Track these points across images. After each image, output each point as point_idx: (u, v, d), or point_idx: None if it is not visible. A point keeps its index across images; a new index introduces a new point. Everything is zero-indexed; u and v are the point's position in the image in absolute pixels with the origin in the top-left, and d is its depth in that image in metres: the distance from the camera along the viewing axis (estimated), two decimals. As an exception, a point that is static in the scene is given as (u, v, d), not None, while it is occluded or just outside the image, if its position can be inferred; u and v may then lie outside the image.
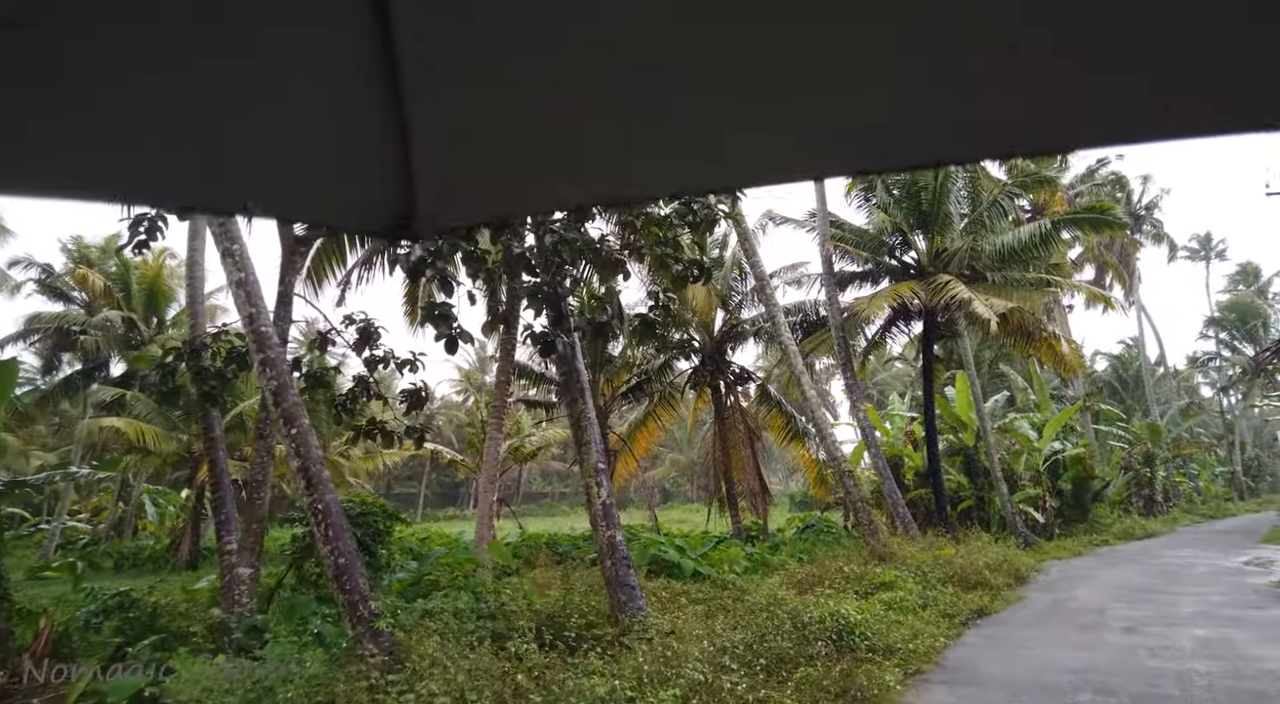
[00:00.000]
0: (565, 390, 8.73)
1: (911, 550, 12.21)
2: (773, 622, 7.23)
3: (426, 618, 6.43)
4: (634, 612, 7.54)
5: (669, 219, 7.99)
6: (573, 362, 8.61)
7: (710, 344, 21.57)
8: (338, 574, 5.90)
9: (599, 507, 8.06)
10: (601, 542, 7.96)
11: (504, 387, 14.74)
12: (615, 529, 7.99)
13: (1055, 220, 17.74)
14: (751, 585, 13.08)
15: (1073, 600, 11.09)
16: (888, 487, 16.75)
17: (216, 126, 0.82)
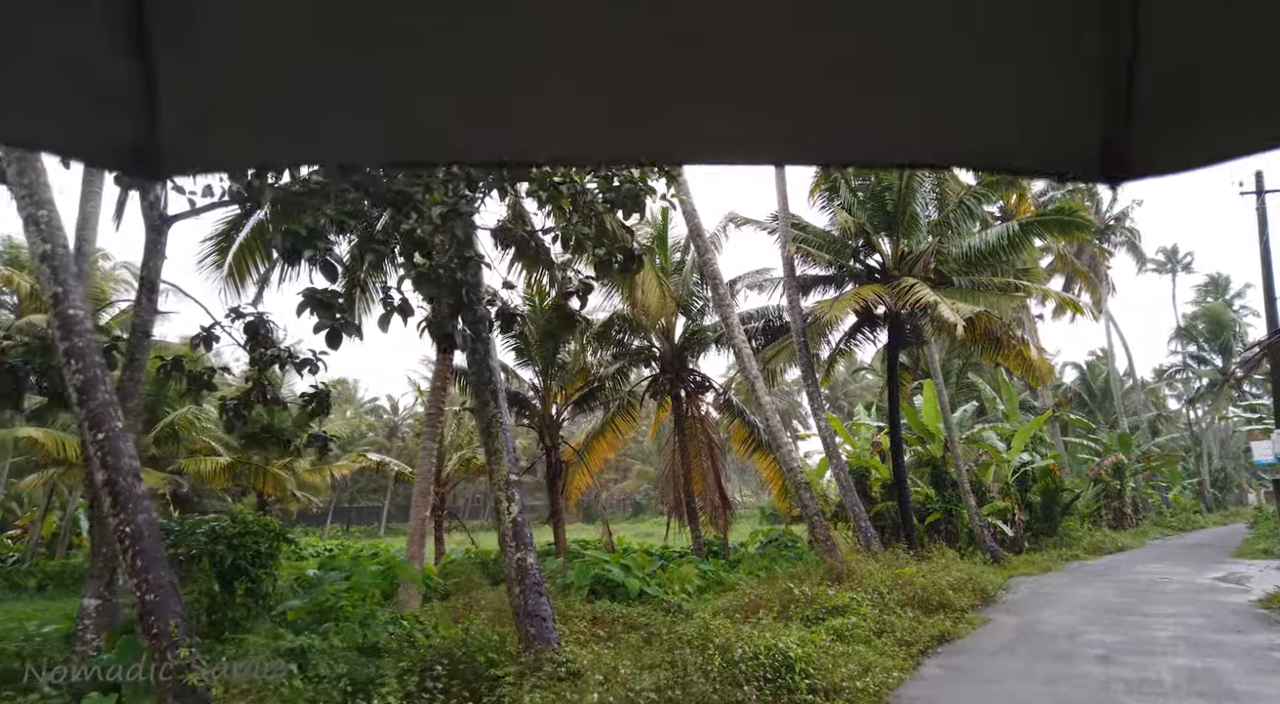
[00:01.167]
0: (475, 391, 7.72)
1: (871, 568, 11.31)
2: (700, 659, 6.24)
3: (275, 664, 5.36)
4: (544, 646, 6.53)
5: (590, 195, 7.04)
6: (484, 358, 7.61)
7: (670, 351, 20.66)
8: (144, 614, 4.83)
9: (509, 524, 7.04)
10: (510, 565, 6.94)
11: (440, 392, 13.69)
12: (527, 550, 6.97)
13: (1023, 223, 17.11)
14: (701, 606, 12.14)
15: (1042, 623, 10.24)
16: (849, 499, 15.89)
17: None
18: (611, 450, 23.28)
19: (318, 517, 57.17)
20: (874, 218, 18.03)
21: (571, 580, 12.38)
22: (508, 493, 7.13)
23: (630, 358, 19.75)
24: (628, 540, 27.28)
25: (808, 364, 17.01)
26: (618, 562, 13.08)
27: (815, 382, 16.98)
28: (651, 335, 20.92)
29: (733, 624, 7.59)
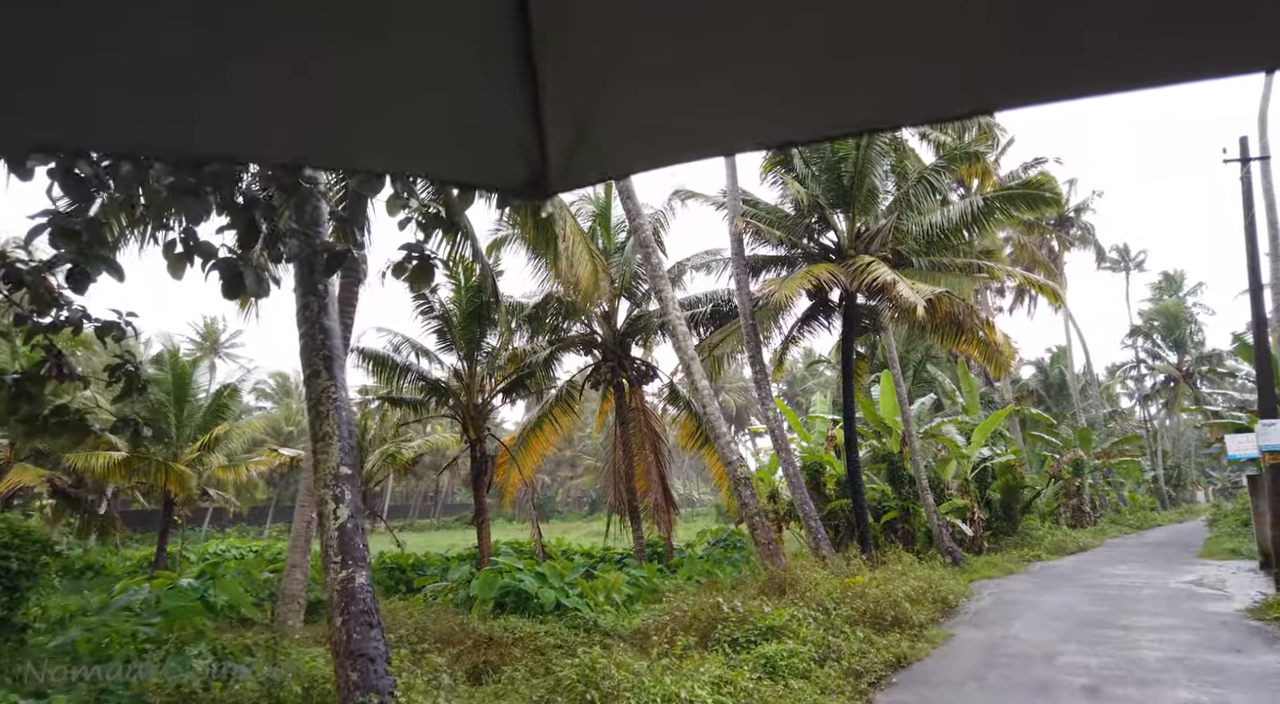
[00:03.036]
0: (304, 357, 5.96)
1: (818, 576, 9.79)
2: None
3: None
4: (367, 698, 4.82)
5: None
6: (317, 315, 5.86)
7: (612, 338, 19.01)
8: None
9: (333, 532, 5.32)
10: (331, 586, 5.22)
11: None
12: (356, 567, 5.25)
13: (988, 198, 15.83)
14: (625, 620, 10.52)
15: (1013, 640, 8.83)
16: (799, 497, 14.42)
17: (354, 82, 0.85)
18: (549, 445, 21.55)
19: (258, 515, 54.49)
20: (829, 192, 16.59)
21: (475, 593, 10.65)
22: (336, 491, 5.40)
23: (563, 343, 18.03)
24: (573, 541, 25.60)
25: (756, 349, 15.50)
26: (532, 569, 11.38)
27: (763, 368, 15.47)
28: (593, 322, 19.26)
29: (636, 657, 5.96)
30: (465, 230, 14.19)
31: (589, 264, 14.33)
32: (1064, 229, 34.75)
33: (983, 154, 17.62)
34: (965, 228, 15.81)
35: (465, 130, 0.93)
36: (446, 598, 11.20)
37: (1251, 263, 12.41)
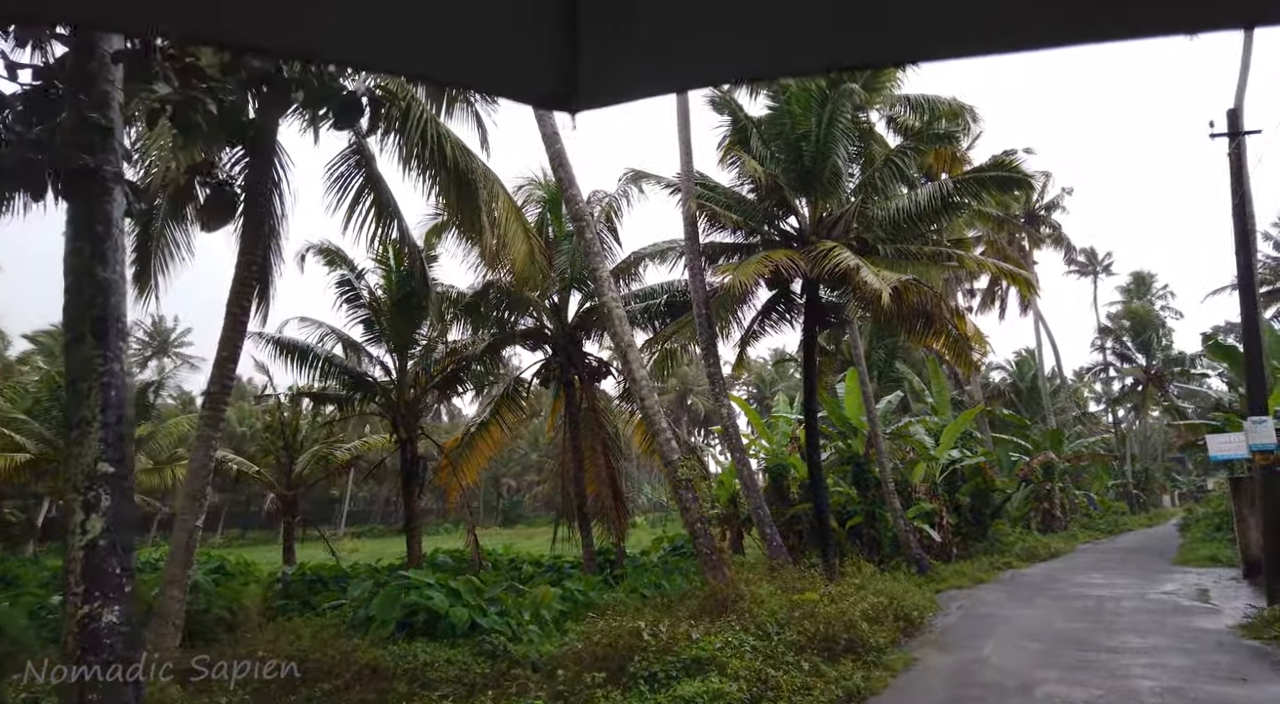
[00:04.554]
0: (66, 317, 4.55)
1: (764, 591, 8.55)
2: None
3: None
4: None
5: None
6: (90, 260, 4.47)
7: (561, 331, 17.67)
8: None
9: (78, 550, 3.94)
10: (69, 628, 3.82)
11: (226, 365, 10.42)
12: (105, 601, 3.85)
13: (958, 180, 14.79)
14: (547, 643, 9.19)
15: (983, 667, 7.65)
16: (754, 501, 13.21)
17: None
18: (497, 446, 20.16)
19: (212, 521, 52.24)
20: (790, 174, 15.44)
21: (374, 614, 9.25)
22: (89, 496, 4.02)
23: (504, 336, 16.66)
24: (532, 548, 24.17)
25: (710, 341, 14.27)
26: (444, 583, 9.99)
27: (717, 361, 14.25)
28: (543, 315, 17.91)
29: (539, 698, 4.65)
30: (387, 202, 12.85)
31: (524, 244, 13.02)
32: (1034, 226, 34.11)
33: (954, 134, 16.57)
34: (934, 212, 14.74)
35: (494, 35, 0.89)
36: (344, 618, 9.79)
37: (1241, 248, 11.44)
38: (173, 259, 13.22)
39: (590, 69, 0.89)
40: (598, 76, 0.90)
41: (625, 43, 0.89)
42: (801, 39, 0.88)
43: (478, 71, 0.96)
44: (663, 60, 0.94)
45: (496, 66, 0.94)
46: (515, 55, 0.92)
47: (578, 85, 0.90)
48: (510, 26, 0.87)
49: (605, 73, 0.91)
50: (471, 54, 0.93)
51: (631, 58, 0.91)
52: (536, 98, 0.96)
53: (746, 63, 1.00)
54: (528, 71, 0.93)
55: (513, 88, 1.03)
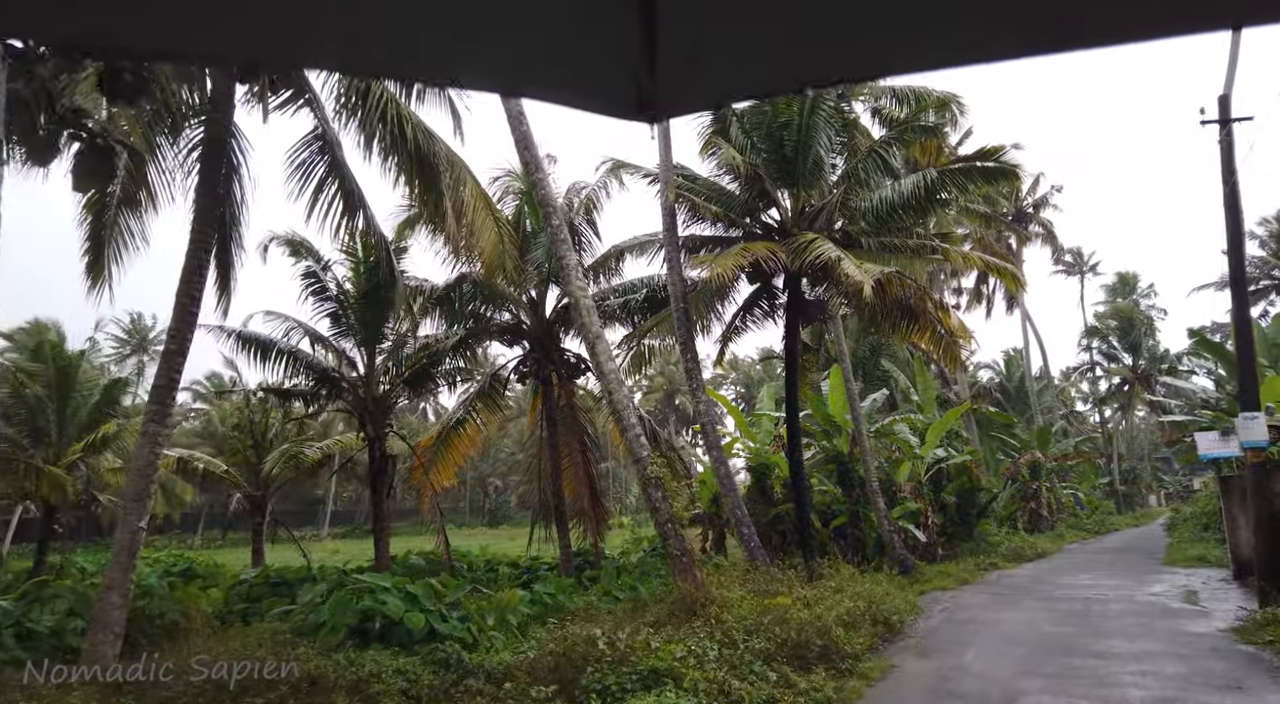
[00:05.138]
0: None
1: (735, 596, 8.10)
2: None
3: None
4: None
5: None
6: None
7: (539, 326, 17.17)
8: None
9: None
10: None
11: (173, 357, 9.91)
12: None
13: (942, 170, 14.39)
14: (510, 649, 8.70)
15: (964, 674, 7.22)
16: (731, 500, 12.77)
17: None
18: (473, 444, 19.65)
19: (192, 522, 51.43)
20: (771, 164, 15.01)
21: (325, 619, 8.74)
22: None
23: (476, 331, 16.14)
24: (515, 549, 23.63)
25: (687, 335, 13.83)
26: (401, 587, 9.48)
27: (695, 356, 13.80)
28: (520, 309, 17.40)
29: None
30: (352, 190, 12.33)
31: (494, 233, 12.52)
32: (1023, 224, 33.87)
33: (940, 126, 16.18)
34: (918, 203, 14.34)
35: (572, 44, 0.91)
36: (295, 623, 9.26)
37: (1233, 238, 11.08)
38: (127, 249, 12.66)
39: (668, 79, 0.90)
40: (675, 86, 0.91)
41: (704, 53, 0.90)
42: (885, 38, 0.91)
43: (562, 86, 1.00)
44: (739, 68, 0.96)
45: (578, 81, 0.97)
46: (595, 69, 0.94)
47: (656, 95, 0.92)
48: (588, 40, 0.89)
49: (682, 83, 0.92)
50: (555, 71, 0.95)
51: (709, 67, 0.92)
52: (614, 108, 0.97)
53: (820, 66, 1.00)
54: (607, 84, 0.95)
55: (593, 100, 1.05)
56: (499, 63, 0.92)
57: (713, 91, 1.03)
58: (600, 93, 0.98)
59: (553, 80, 0.98)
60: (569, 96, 1.00)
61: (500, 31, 0.87)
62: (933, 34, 0.89)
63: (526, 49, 0.90)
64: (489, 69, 0.95)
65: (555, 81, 0.99)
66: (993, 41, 0.89)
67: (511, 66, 0.93)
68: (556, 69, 0.96)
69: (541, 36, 0.89)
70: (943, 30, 0.88)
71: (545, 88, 1.03)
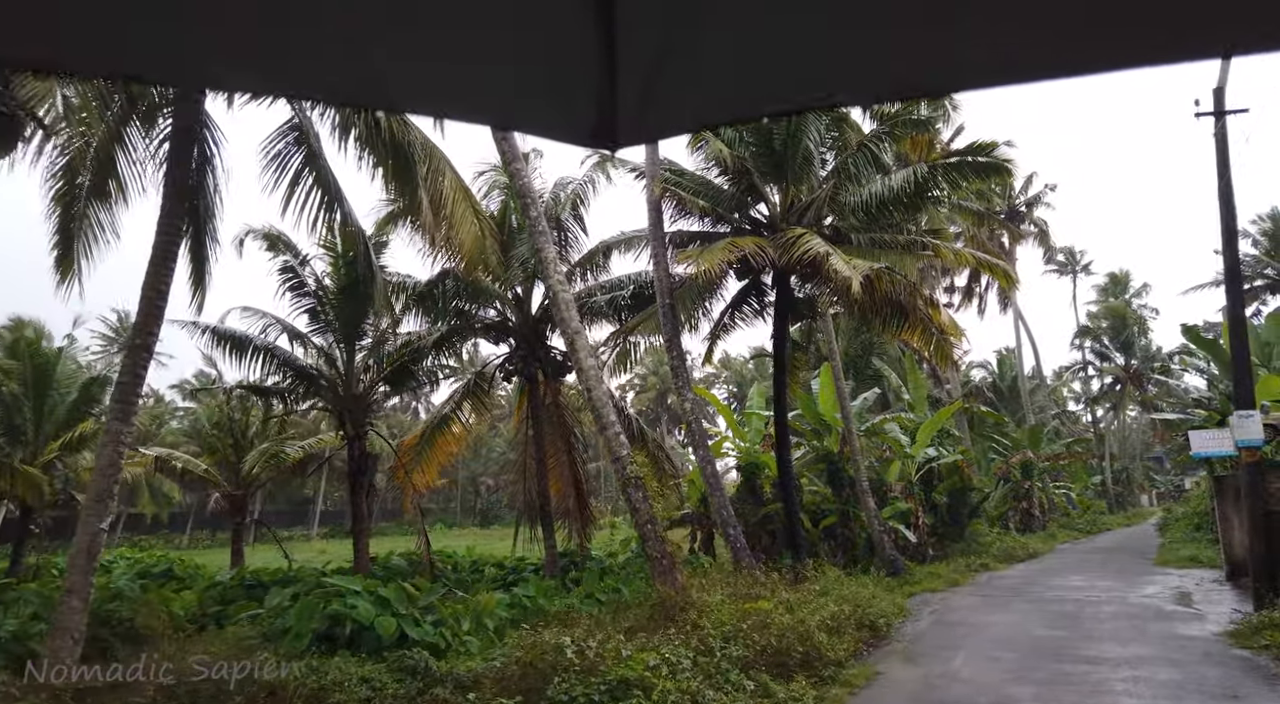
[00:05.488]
0: None
1: (716, 599, 7.81)
2: None
3: None
4: None
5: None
6: None
7: (525, 323, 16.86)
8: None
9: None
10: None
11: (139, 352, 9.59)
12: None
13: (933, 164, 14.15)
14: (484, 654, 8.41)
15: (952, 681, 6.97)
16: (717, 500, 12.50)
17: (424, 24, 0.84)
18: (458, 443, 19.36)
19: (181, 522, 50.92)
20: (759, 158, 14.76)
21: (290, 625, 8.42)
22: None
23: (458, 328, 15.83)
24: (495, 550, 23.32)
25: (674, 332, 13.54)
26: (372, 590, 9.17)
27: (681, 353, 13.53)
28: (506, 306, 17.10)
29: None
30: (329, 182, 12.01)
31: (473, 226, 12.21)
32: (1015, 222, 33.69)
33: (932, 121, 15.93)
34: (908, 198, 14.09)
35: (531, 74, 0.92)
36: (261, 629, 8.95)
37: (1227, 232, 10.86)
38: (97, 242, 12.33)
39: (628, 109, 0.92)
40: (635, 116, 0.93)
41: (663, 83, 0.91)
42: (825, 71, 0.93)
43: (520, 115, 1.06)
44: (699, 98, 0.98)
45: (539, 110, 1.00)
46: (555, 99, 0.96)
47: (617, 125, 0.94)
48: (550, 72, 0.91)
49: (642, 113, 0.94)
50: (514, 100, 0.99)
51: (668, 97, 0.94)
52: (577, 137, 0.97)
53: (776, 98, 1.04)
54: (567, 114, 0.97)
55: (555, 129, 1.06)
56: (464, 94, 0.95)
57: (672, 121, 1.05)
58: (562, 123, 0.99)
59: (515, 111, 1.02)
60: (532, 126, 1.03)
61: (467, 64, 0.88)
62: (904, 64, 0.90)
63: (492, 81, 0.92)
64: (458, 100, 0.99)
65: (518, 112, 1.03)
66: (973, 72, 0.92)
67: (475, 97, 0.96)
68: (520, 100, 0.98)
69: (508, 70, 0.90)
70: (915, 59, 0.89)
71: (508, 117, 1.11)
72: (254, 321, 14.82)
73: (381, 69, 0.89)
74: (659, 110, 0.96)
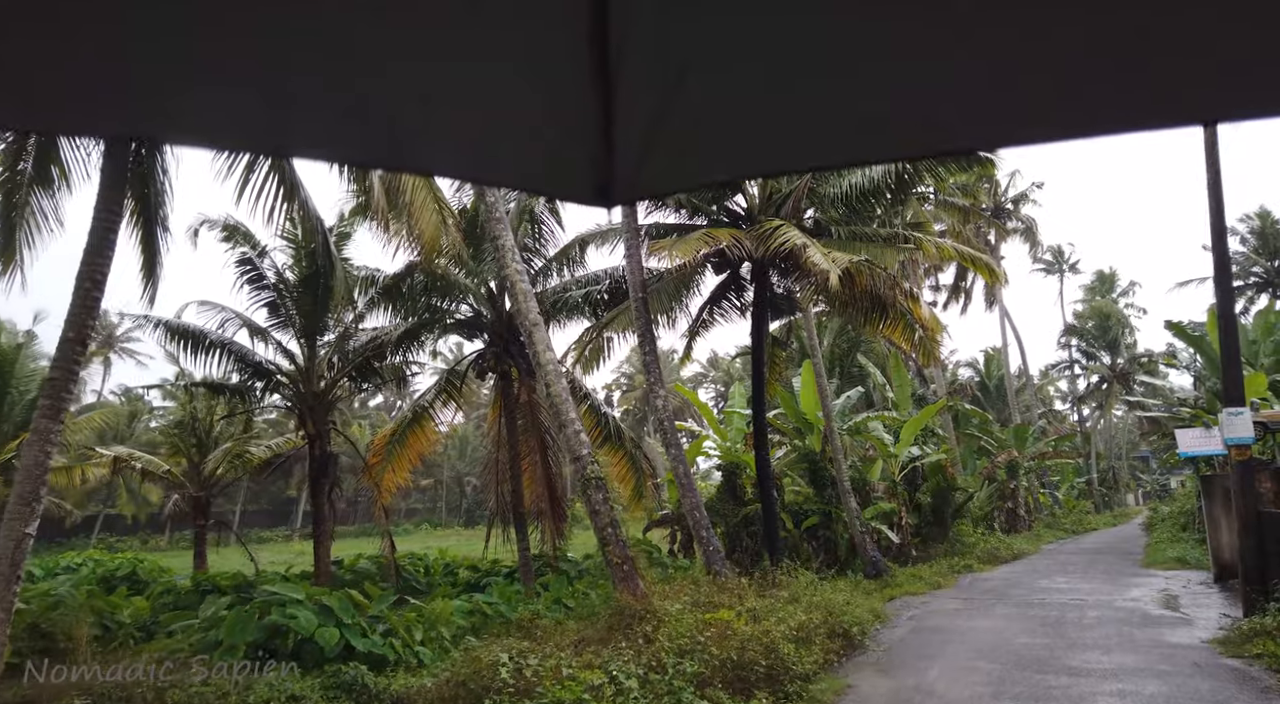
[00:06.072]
0: None
1: (676, 609, 7.31)
2: None
3: None
4: None
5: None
6: None
7: (498, 320, 16.32)
8: None
9: None
10: None
11: (72, 346, 9.04)
12: None
13: (915, 155, 13.70)
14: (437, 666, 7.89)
15: (927, 697, 6.50)
16: (689, 501, 12.01)
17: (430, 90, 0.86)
18: (430, 442, 18.79)
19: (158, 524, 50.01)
20: (737, 147, 14.26)
21: (222, 638, 7.87)
22: None
23: (425, 322, 15.27)
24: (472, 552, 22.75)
25: (646, 326, 13.05)
26: (315, 598, 8.61)
27: (654, 348, 13.03)
28: (480, 303, 16.56)
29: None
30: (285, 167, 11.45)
31: (434, 215, 11.67)
32: (1001, 219, 33.39)
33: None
34: (888, 189, 13.66)
35: (530, 135, 0.94)
36: (194, 641, 8.39)
37: (1216, 226, 10.45)
38: (39, 231, 11.75)
39: (626, 169, 0.93)
40: (633, 176, 0.95)
41: (656, 148, 0.93)
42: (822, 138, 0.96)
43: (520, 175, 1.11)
44: (691, 161, 1.01)
45: (537, 170, 1.01)
46: (554, 160, 0.97)
47: (613, 184, 0.95)
48: (549, 134, 0.93)
49: (638, 174, 0.96)
50: (518, 162, 1.00)
51: (661, 160, 0.96)
52: (576, 197, 1.01)
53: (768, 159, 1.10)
54: (566, 174, 0.99)
55: (554, 188, 1.10)
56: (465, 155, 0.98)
57: (670, 180, 1.09)
58: (559, 183, 1.04)
59: (513, 171, 1.04)
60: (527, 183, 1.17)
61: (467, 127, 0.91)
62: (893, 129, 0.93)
63: (491, 143, 0.93)
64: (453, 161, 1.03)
65: (515, 172, 1.06)
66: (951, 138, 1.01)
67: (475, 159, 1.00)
68: (517, 161, 0.99)
69: (507, 131, 0.91)
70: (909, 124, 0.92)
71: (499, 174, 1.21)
72: (212, 316, 14.23)
73: (379, 130, 0.89)
74: (657, 170, 0.97)
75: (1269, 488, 11.44)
